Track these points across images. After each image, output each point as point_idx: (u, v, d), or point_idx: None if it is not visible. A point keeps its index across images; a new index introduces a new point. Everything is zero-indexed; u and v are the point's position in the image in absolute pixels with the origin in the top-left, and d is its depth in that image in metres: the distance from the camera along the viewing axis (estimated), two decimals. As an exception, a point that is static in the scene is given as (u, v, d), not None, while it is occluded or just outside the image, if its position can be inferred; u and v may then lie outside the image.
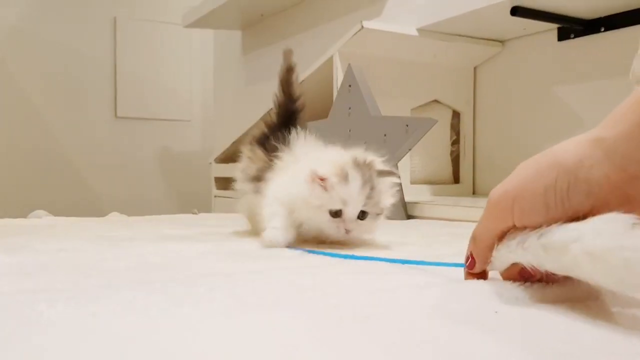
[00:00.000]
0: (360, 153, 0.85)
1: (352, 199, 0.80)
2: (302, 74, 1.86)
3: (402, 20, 1.74)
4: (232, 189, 1.03)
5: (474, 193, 1.95)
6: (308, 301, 0.49)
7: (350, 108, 1.50)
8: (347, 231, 0.82)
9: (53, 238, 0.96)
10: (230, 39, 2.96)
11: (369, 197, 0.81)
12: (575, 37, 1.64)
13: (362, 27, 1.61)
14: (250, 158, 0.98)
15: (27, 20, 3.17)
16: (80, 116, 3.31)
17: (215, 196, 2.53)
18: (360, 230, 0.84)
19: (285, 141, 0.93)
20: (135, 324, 0.42)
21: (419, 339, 0.38)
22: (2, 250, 0.78)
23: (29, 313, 0.43)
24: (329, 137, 0.95)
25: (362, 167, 0.82)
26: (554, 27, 1.67)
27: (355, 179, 0.80)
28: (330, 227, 0.82)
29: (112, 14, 3.37)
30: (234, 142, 2.37)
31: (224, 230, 1.09)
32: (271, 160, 0.92)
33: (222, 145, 2.52)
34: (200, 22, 2.78)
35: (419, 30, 1.69)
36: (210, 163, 2.60)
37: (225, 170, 2.49)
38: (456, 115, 1.94)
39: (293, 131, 0.95)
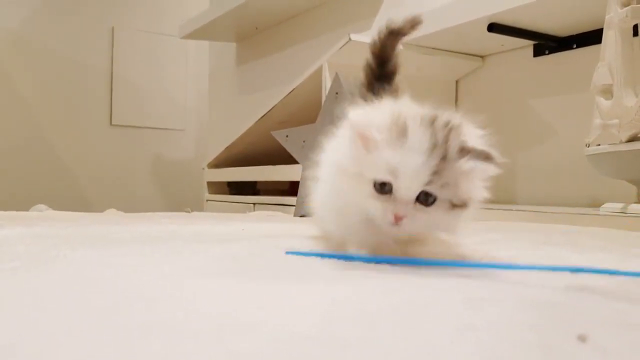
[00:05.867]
0: (442, 113, 0.56)
1: (408, 167, 0.52)
2: (294, 82, 1.97)
3: (389, 35, 1.84)
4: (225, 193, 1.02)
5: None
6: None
7: (337, 114, 1.59)
8: (397, 219, 0.53)
9: (59, 222, 1.04)
10: (225, 50, 3.05)
11: (437, 172, 0.52)
12: (549, 53, 1.75)
13: (350, 39, 1.71)
14: None
15: (26, 28, 3.25)
16: (76, 123, 3.39)
17: (207, 200, 2.61)
18: (421, 222, 0.54)
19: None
20: (144, 263, 0.50)
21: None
22: (17, 225, 0.86)
23: (55, 254, 0.52)
24: (316, 141, 1.02)
25: (436, 126, 0.54)
26: (530, 43, 1.78)
27: (417, 137, 0.53)
28: (375, 209, 0.54)
29: (110, 24, 3.46)
30: (226, 149, 2.45)
31: (215, 222, 1.18)
32: None
33: (215, 151, 2.60)
34: (196, 34, 2.88)
35: (403, 44, 1.79)
36: (203, 168, 2.68)
37: (217, 175, 2.57)
38: (439, 125, 2.04)
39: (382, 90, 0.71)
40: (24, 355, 0.23)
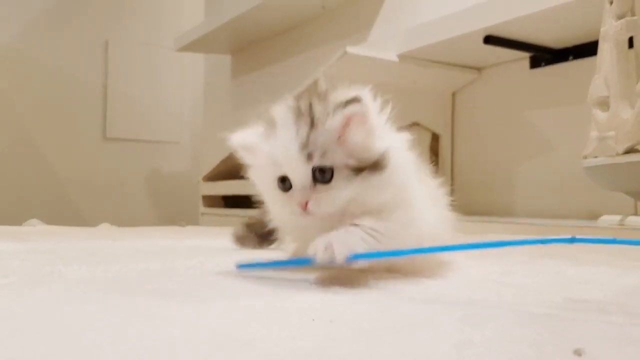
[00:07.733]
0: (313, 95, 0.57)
1: (283, 149, 0.53)
2: (289, 95, 1.96)
3: (385, 47, 1.84)
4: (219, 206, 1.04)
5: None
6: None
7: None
8: (302, 206, 0.52)
9: (53, 237, 1.03)
10: (220, 63, 3.05)
11: (312, 142, 0.52)
12: (545, 65, 1.75)
13: (346, 52, 1.71)
14: None
15: (19, 42, 3.24)
16: (70, 137, 3.37)
17: (202, 214, 2.60)
18: (329, 200, 0.52)
19: None
20: (137, 279, 0.49)
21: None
22: (11, 240, 0.85)
23: (50, 269, 0.51)
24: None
25: (300, 104, 0.55)
26: (526, 55, 1.78)
27: (283, 120, 0.54)
28: (286, 207, 0.55)
29: (104, 37, 3.46)
30: (221, 162, 2.44)
31: (207, 235, 1.17)
32: None
33: (210, 164, 2.59)
34: (191, 47, 2.88)
35: (399, 56, 1.79)
36: (199, 182, 2.67)
37: (212, 188, 2.56)
38: (435, 137, 2.04)
39: None
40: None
